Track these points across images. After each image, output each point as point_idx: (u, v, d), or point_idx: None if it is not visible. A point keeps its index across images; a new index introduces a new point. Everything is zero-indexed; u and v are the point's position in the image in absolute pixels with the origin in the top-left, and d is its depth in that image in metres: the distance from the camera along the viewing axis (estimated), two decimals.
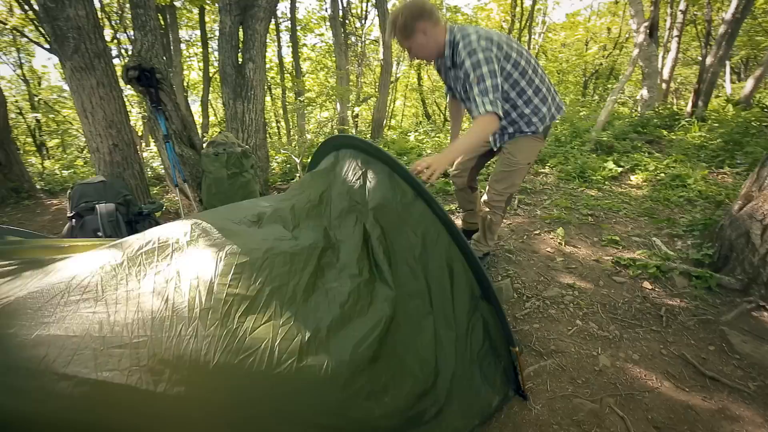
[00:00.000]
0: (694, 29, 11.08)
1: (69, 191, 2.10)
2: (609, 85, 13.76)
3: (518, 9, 12.35)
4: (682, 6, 8.85)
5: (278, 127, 15.20)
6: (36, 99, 11.51)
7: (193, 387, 0.95)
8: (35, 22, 7.21)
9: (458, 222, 2.82)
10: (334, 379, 1.08)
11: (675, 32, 9.24)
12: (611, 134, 5.20)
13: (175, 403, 0.93)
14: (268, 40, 13.12)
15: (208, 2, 5.96)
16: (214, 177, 2.65)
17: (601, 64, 14.51)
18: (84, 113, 2.15)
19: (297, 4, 12.75)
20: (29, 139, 11.79)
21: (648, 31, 6.83)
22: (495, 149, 2.17)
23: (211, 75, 10.17)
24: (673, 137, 5.19)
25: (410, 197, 1.56)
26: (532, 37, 15.20)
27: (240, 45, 3.11)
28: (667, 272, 2.37)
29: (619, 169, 4.10)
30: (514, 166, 2.08)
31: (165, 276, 1.13)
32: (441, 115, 17.24)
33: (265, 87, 12.79)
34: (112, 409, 0.89)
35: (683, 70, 13.56)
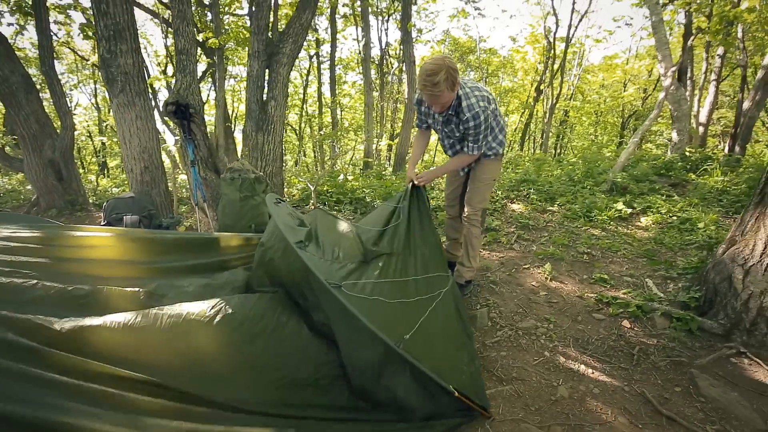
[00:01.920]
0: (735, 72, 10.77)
1: (104, 204, 2.49)
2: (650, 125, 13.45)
3: (552, 52, 12.60)
4: (720, 50, 8.74)
5: (314, 155, 16.04)
6: (104, 124, 13.01)
7: None
8: None
9: None
10: None
11: (713, 75, 9.07)
12: (630, 175, 5.16)
13: None
14: (311, 77, 14.10)
15: None
16: (228, 199, 2.99)
17: (640, 105, 14.27)
18: (124, 140, 2.59)
19: (340, 45, 13.73)
20: (94, 159, 13.22)
21: (676, 75, 6.82)
22: (462, 173, 2.51)
23: None
24: (698, 181, 5.06)
25: None
26: (566, 78, 15.32)
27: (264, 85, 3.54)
28: (648, 312, 2.37)
29: (629, 211, 4.08)
30: (482, 182, 2.41)
31: None
32: None
33: (299, 121, 13.61)
34: None
35: (728, 113, 13.05)
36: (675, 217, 3.83)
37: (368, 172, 6.86)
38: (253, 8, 3.36)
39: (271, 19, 3.48)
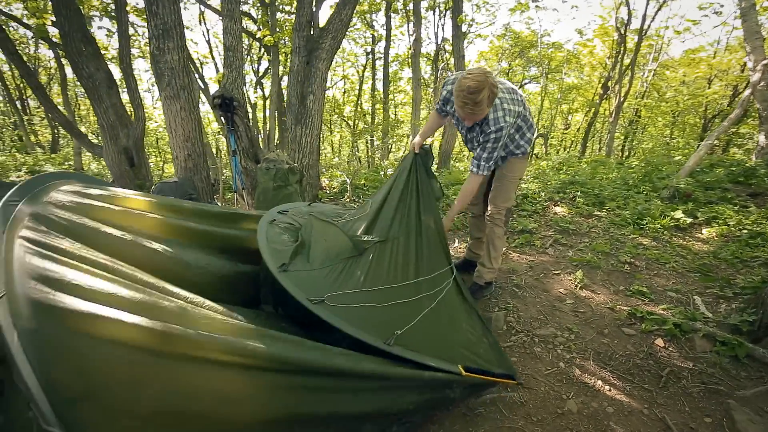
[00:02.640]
0: None
1: (153, 187, 2.77)
2: (734, 129, 11.89)
3: (623, 46, 11.57)
4: None
5: (367, 150, 16.25)
6: None
7: None
8: None
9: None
10: None
11: None
12: (698, 182, 4.64)
13: None
14: (367, 74, 14.30)
15: None
16: (263, 187, 3.16)
17: (727, 105, 12.63)
18: (170, 129, 2.85)
19: (397, 42, 13.78)
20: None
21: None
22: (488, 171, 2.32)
23: None
24: None
25: None
26: (639, 75, 14.02)
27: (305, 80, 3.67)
28: (688, 332, 2.13)
29: (689, 220, 3.67)
30: (508, 180, 2.32)
31: None
32: None
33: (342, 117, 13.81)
34: None
35: None
36: (745, 231, 3.38)
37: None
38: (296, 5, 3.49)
39: (312, 16, 3.59)
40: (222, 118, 3.31)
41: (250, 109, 12.43)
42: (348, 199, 4.24)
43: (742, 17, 6.09)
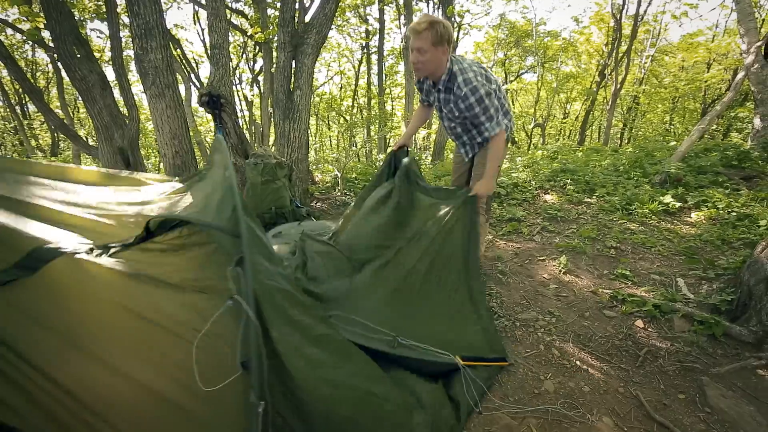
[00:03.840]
0: None
1: None
2: (734, 113, 11.80)
3: (619, 32, 11.46)
4: None
5: (363, 143, 16.30)
6: None
7: None
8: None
9: None
10: None
11: None
12: (690, 166, 4.64)
13: None
14: (363, 69, 14.26)
15: None
16: (251, 182, 3.20)
17: (727, 89, 12.48)
18: (157, 128, 2.89)
19: (393, 35, 13.70)
20: None
21: (762, 51, 5.93)
22: (467, 159, 2.38)
23: None
24: None
25: None
26: (637, 61, 13.91)
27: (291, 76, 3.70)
28: (667, 313, 2.16)
29: (678, 204, 3.68)
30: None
31: None
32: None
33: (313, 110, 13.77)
34: None
35: None
36: (733, 213, 3.39)
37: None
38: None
39: (297, 12, 3.60)
40: (211, 114, 3.35)
41: (246, 107, 12.47)
42: (339, 193, 4.27)
43: None
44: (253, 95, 12.80)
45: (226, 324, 1.05)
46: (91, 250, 1.12)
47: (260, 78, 12.34)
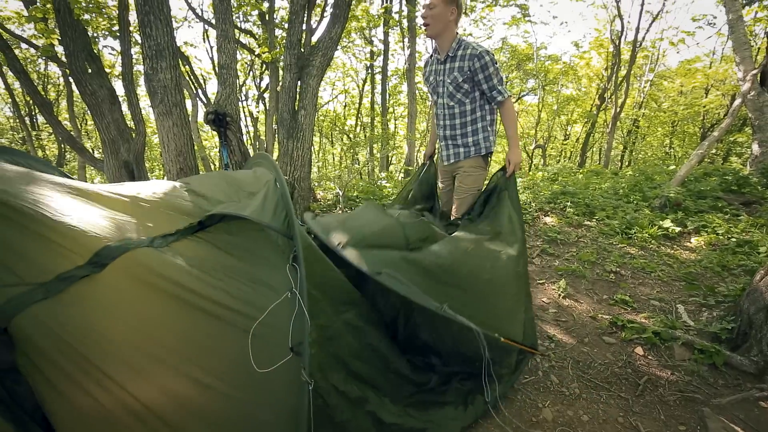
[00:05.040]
0: None
1: None
2: (733, 138, 11.93)
3: (618, 57, 11.70)
4: None
5: (367, 162, 16.44)
6: None
7: None
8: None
9: None
10: None
11: None
12: (689, 191, 4.67)
13: None
14: (367, 88, 14.52)
15: None
16: None
17: (725, 114, 12.64)
18: (163, 144, 2.95)
19: (397, 56, 14.01)
20: None
21: (758, 78, 6.04)
22: (449, 162, 2.31)
23: None
24: None
25: None
26: (636, 86, 14.15)
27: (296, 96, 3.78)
28: (667, 341, 2.15)
29: (678, 229, 3.69)
30: (465, 194, 2.27)
31: None
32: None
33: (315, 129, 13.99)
34: None
35: None
36: (733, 239, 3.40)
37: (406, 180, 6.90)
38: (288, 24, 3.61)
39: (304, 35, 3.71)
40: (216, 132, 3.41)
41: (251, 123, 12.65)
42: (340, 211, 4.30)
43: (730, 28, 6.19)
44: (258, 111, 13.01)
45: (277, 313, 1.23)
46: (152, 241, 1.19)
47: (266, 95, 12.57)
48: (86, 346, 0.98)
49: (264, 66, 11.74)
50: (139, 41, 2.76)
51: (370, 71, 12.82)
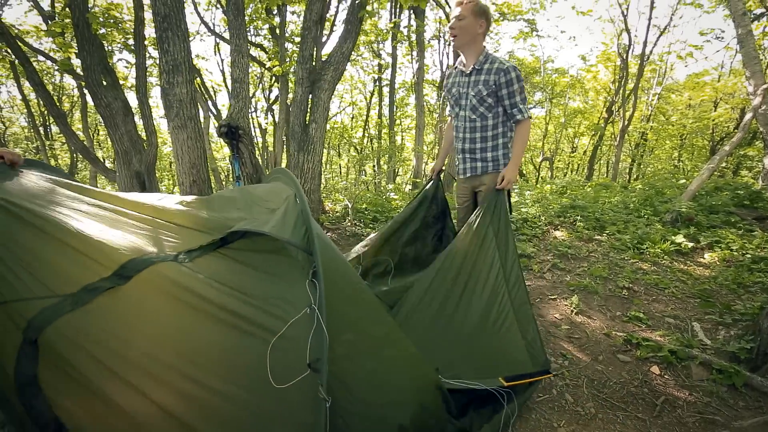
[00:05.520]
0: None
1: None
2: (743, 152, 11.84)
3: (626, 71, 11.74)
4: None
5: (374, 174, 16.53)
6: None
7: None
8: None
9: None
10: None
11: None
12: (701, 206, 4.62)
13: None
14: (375, 100, 14.69)
15: None
16: None
17: (735, 127, 12.59)
18: (177, 157, 3.00)
19: (404, 69, 14.17)
20: None
21: None
22: (464, 177, 2.33)
23: None
24: None
25: None
26: (644, 99, 14.14)
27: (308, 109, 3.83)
28: (684, 360, 2.10)
29: (691, 245, 3.64)
30: None
31: None
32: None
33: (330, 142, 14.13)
34: None
35: None
36: (748, 255, 3.35)
37: (414, 192, 6.92)
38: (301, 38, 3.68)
39: (315, 50, 3.77)
40: (228, 144, 3.46)
41: (260, 134, 12.80)
42: (349, 223, 4.31)
43: (739, 43, 6.18)
44: (267, 123, 13.18)
45: (297, 328, 1.22)
46: (177, 256, 1.21)
47: (275, 107, 12.75)
48: (110, 356, 1.00)
49: (273, 78, 11.95)
50: (152, 55, 2.84)
51: (377, 84, 12.97)
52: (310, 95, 3.75)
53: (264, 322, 1.24)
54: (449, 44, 12.42)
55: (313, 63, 3.72)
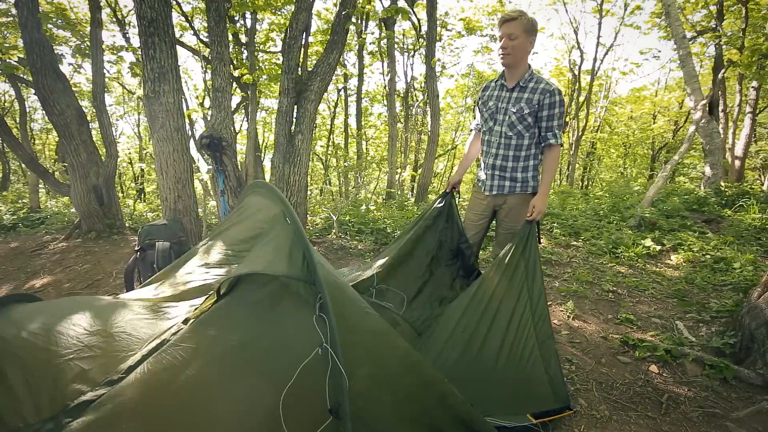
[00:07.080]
0: None
1: (140, 229, 2.67)
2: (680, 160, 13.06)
3: (578, 84, 12.63)
4: (754, 83, 8.52)
5: (339, 185, 16.43)
6: (144, 152, 13.85)
7: None
8: None
9: None
10: None
11: (748, 108, 8.82)
12: (659, 211, 5.01)
13: None
14: (339, 109, 14.65)
15: None
16: None
17: (671, 137, 13.95)
18: (160, 171, 2.79)
19: (367, 79, 14.27)
20: (133, 184, 14.02)
21: (707, 108, 6.68)
22: (489, 193, 2.26)
23: None
24: (734, 218, 4.85)
25: None
26: (592, 111, 15.23)
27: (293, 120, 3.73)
28: (678, 357, 2.25)
29: (658, 248, 3.93)
30: (509, 231, 2.21)
31: None
32: None
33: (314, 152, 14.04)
34: None
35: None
36: (708, 256, 3.67)
37: (390, 203, 6.95)
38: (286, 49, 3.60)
39: (301, 59, 3.70)
40: (210, 158, 3.29)
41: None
42: (335, 236, 4.23)
43: (680, 63, 6.82)
44: (237, 133, 12.73)
45: (309, 373, 1.13)
46: (186, 321, 1.18)
47: (236, 116, 12.34)
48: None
49: (235, 86, 11.58)
50: (111, 60, 2.62)
51: (344, 93, 12.96)
52: (296, 106, 3.66)
53: (274, 374, 1.15)
54: (411, 56, 12.71)
55: (299, 73, 3.65)
